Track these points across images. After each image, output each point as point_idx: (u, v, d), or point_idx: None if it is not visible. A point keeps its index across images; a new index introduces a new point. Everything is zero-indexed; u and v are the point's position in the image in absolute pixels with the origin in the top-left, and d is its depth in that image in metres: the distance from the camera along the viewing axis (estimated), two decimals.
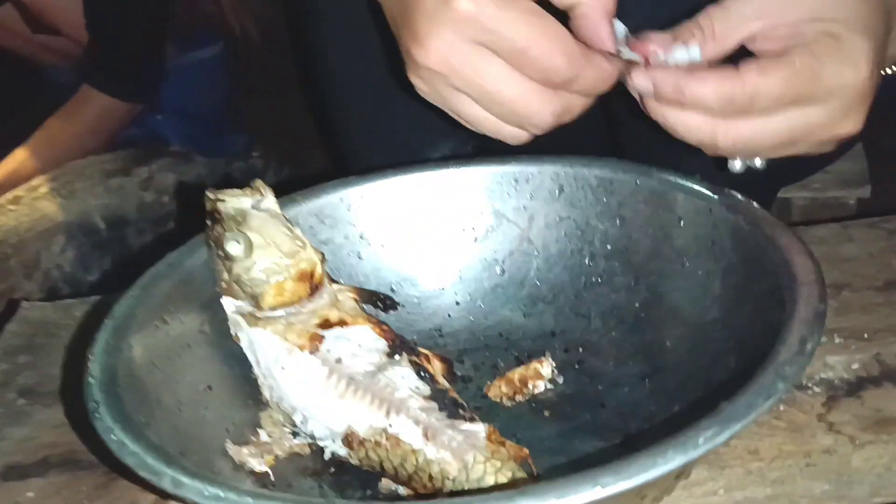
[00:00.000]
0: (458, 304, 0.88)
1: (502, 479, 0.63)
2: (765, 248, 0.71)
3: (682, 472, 0.66)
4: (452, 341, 0.86)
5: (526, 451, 0.68)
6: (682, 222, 0.79)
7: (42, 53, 1.92)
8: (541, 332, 0.85)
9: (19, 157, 1.78)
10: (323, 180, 0.90)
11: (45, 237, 1.63)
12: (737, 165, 0.75)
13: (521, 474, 0.64)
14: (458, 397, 0.72)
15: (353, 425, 0.69)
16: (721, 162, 0.76)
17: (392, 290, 0.88)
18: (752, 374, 0.58)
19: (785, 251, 0.69)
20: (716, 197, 0.77)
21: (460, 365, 0.83)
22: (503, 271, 0.88)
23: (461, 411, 0.69)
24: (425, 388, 0.71)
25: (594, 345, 0.82)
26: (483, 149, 0.91)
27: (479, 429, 0.67)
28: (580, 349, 0.82)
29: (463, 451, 0.65)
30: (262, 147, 1.83)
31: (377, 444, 0.67)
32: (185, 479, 0.53)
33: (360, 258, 0.88)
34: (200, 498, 0.52)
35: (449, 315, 0.87)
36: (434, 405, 0.69)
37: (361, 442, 0.68)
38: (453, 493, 0.64)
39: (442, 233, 0.89)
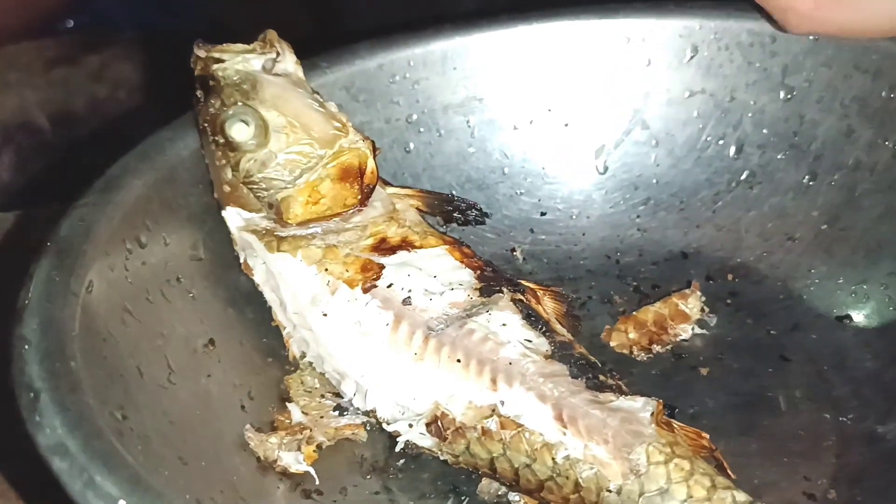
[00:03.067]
0: (543, 214, 0.63)
1: (699, 493, 0.40)
2: None
3: None
4: (537, 266, 0.62)
5: (706, 436, 0.45)
6: (893, 92, 0.54)
7: None
8: (666, 252, 0.61)
9: None
10: (316, 46, 0.63)
11: None
12: None
13: (723, 482, 0.41)
14: (588, 354, 0.48)
15: (442, 403, 0.45)
16: None
17: (451, 195, 0.63)
18: None
19: None
20: None
21: None
22: (606, 168, 0.63)
23: (602, 377, 0.46)
24: (542, 342, 0.47)
25: (751, 270, 0.58)
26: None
27: (641, 405, 0.43)
28: (729, 276, 0.58)
29: (626, 445, 0.41)
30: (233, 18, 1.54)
31: (485, 433, 0.43)
32: None
33: (406, 151, 0.62)
34: None
35: (531, 230, 0.63)
36: (562, 368, 0.45)
37: (459, 430, 0.44)
38: None
39: (520, 114, 0.64)
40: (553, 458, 0.42)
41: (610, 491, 0.41)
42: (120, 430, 0.35)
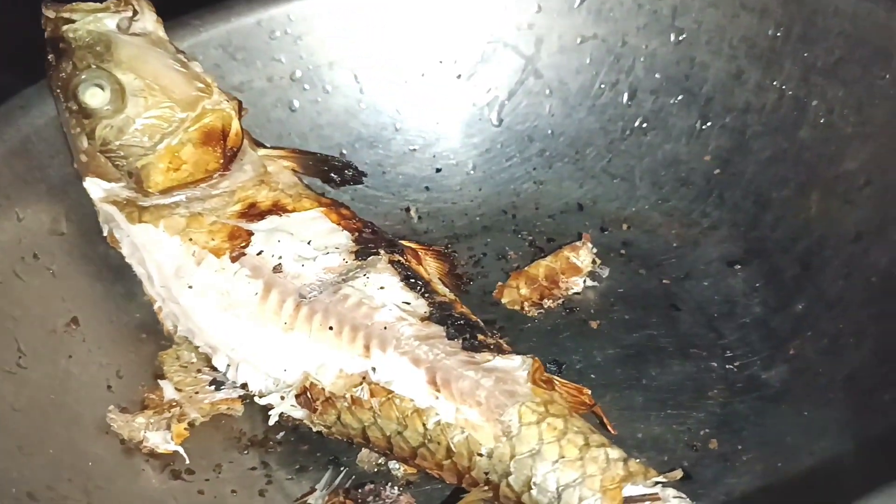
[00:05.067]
0: (438, 170, 0.62)
1: (571, 452, 0.39)
2: None
3: None
4: (433, 224, 0.60)
5: (587, 391, 0.43)
6: (779, 31, 0.53)
7: None
8: (562, 204, 0.60)
9: None
10: None
11: None
12: None
13: (597, 439, 0.40)
14: (470, 313, 0.46)
15: (311, 372, 0.43)
16: None
17: (342, 154, 0.60)
18: None
19: None
20: None
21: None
22: (501, 120, 0.61)
23: (481, 336, 0.44)
24: (420, 304, 0.45)
25: (644, 219, 0.57)
26: None
27: (518, 364, 0.42)
28: (624, 226, 0.57)
29: (499, 406, 0.40)
30: None
31: (355, 402, 0.41)
32: None
33: (292, 110, 0.60)
34: None
35: (427, 188, 0.61)
36: (438, 330, 0.43)
37: (329, 400, 0.42)
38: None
39: (411, 68, 0.62)
40: (424, 425, 0.40)
41: (481, 455, 0.39)
42: None
